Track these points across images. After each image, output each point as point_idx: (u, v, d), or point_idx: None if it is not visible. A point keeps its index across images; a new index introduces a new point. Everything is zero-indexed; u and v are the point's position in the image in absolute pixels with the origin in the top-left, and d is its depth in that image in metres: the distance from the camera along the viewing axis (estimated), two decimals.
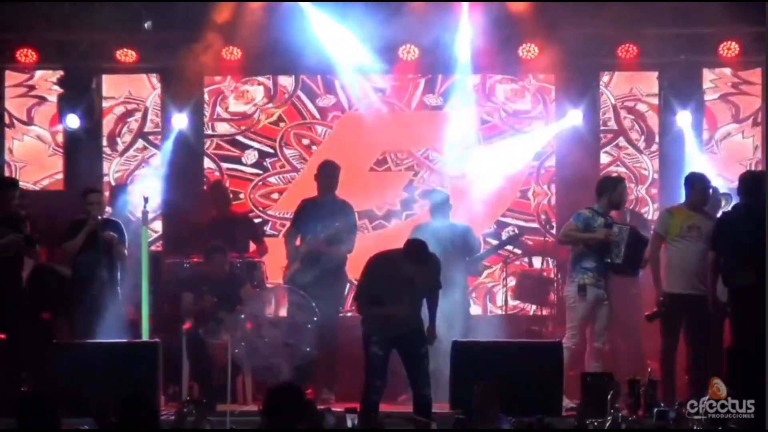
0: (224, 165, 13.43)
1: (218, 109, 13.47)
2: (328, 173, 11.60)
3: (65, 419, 7.39)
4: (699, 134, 13.00)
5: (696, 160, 12.65)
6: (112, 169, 13.42)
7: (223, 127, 13.52)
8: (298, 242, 11.60)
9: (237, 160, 13.48)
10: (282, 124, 13.51)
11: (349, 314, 11.74)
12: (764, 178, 10.47)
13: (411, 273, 9.25)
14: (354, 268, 11.38)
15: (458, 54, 12.71)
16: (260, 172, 13.49)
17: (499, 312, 12.91)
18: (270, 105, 13.49)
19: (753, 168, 12.80)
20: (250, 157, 13.51)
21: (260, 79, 13.47)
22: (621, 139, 13.44)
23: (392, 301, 9.30)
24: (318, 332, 10.96)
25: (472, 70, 12.94)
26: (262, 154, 13.48)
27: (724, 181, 12.16)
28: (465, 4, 12.54)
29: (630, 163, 13.42)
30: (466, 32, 12.60)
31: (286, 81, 13.49)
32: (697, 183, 10.75)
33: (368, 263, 9.51)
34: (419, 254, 9.25)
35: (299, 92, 13.49)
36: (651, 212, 13.23)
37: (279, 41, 12.52)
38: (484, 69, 13.12)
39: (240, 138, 13.49)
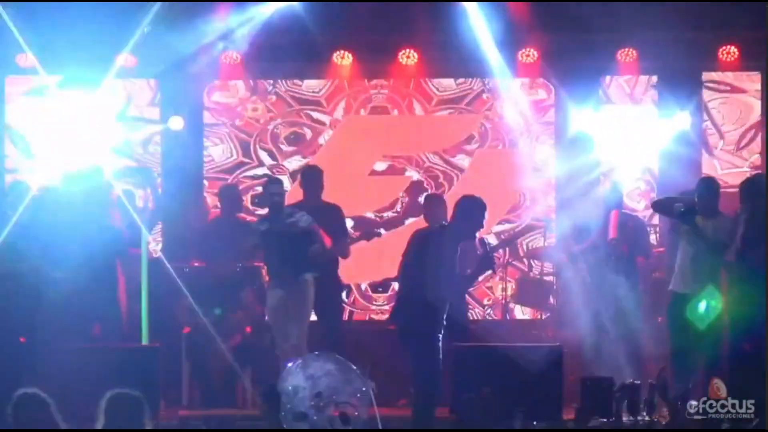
0: None
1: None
2: (312, 177, 11.58)
3: None
4: (699, 137, 13.02)
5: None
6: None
7: None
8: None
9: None
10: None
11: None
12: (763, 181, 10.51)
13: None
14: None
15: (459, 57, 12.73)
16: None
17: (499, 316, 12.90)
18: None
19: None
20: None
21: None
22: None
23: None
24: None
25: (474, 73, 12.97)
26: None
27: None
28: (466, 4, 12.52)
29: None
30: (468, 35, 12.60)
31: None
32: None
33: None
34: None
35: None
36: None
37: (279, 44, 12.54)
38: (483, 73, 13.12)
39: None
